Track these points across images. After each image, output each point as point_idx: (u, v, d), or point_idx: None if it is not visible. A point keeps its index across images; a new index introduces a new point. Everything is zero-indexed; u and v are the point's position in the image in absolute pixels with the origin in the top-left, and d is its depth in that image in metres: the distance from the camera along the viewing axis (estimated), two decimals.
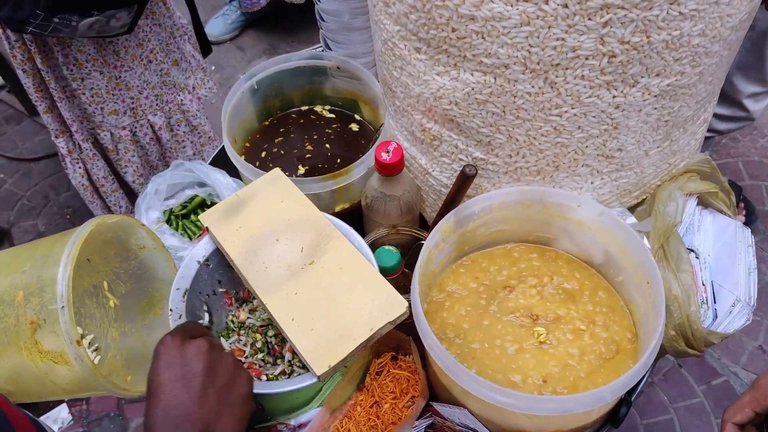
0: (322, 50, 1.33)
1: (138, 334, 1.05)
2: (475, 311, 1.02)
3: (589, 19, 0.77)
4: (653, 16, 0.77)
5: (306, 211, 1.02)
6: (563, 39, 0.79)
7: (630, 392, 1.05)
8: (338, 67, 1.27)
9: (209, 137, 2.11)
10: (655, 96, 0.88)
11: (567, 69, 0.82)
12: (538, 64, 0.82)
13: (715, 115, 2.06)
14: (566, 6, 0.76)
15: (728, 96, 2.01)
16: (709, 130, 2.14)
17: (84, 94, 1.77)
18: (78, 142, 1.88)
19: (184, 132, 2.03)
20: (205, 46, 1.96)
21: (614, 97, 0.86)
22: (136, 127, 1.94)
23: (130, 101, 1.87)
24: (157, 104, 1.92)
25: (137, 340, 1.05)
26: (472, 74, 0.88)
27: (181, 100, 1.96)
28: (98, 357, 0.90)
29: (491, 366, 0.96)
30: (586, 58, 0.81)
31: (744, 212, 2.37)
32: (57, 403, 2.21)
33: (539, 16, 0.77)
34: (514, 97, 0.87)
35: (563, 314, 1.01)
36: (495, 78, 0.86)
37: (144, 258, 1.04)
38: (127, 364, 1.01)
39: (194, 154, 2.11)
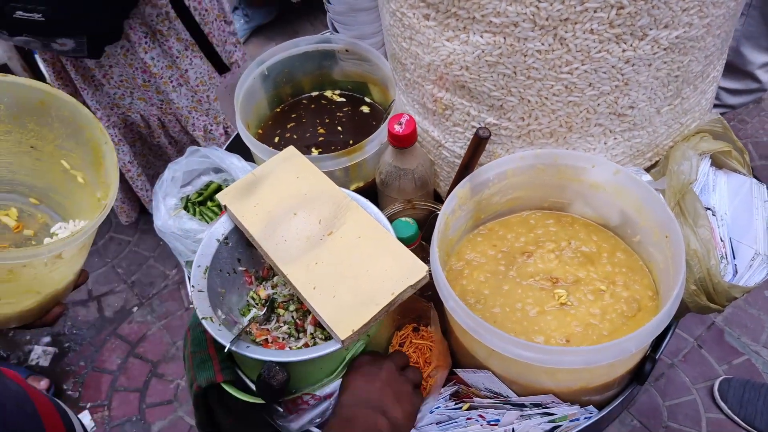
0: (330, 34, 1.35)
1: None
2: (494, 277, 1.02)
3: None
4: None
5: (322, 185, 1.03)
6: None
7: (654, 349, 1.05)
8: (347, 50, 1.28)
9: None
10: (665, 49, 0.88)
11: (576, 23, 0.83)
12: (547, 20, 0.83)
13: (727, 90, 2.05)
14: None
15: (738, 68, 2.00)
16: (720, 105, 2.14)
17: (109, 82, 1.81)
18: None
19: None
20: (221, 66, 1.98)
21: (624, 51, 0.87)
22: (164, 120, 1.99)
23: (159, 102, 1.91)
24: (184, 107, 1.97)
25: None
26: (481, 36, 0.89)
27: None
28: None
29: (513, 329, 0.96)
30: (595, 11, 0.82)
31: None
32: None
33: None
34: (525, 56, 0.88)
35: (583, 276, 1.01)
36: (505, 38, 0.87)
37: (54, 109, 0.88)
38: None
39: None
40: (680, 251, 0.89)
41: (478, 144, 0.95)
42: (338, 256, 0.95)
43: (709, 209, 1.05)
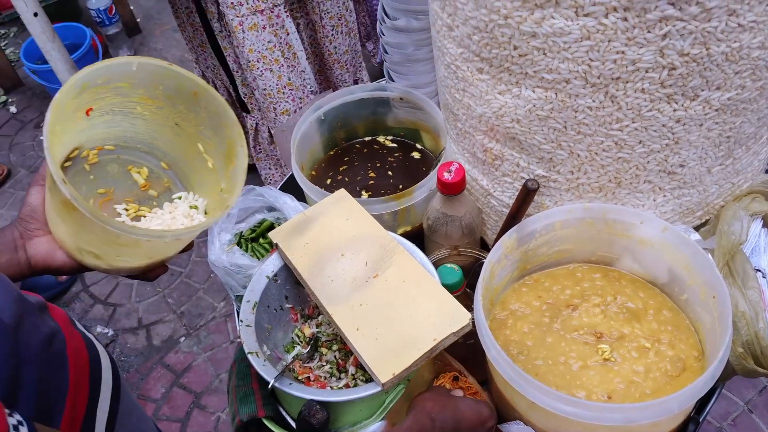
0: (386, 82, 1.39)
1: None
2: (538, 329, 1.02)
3: (648, 31, 0.79)
4: (712, 27, 0.79)
5: (370, 227, 1.05)
6: (623, 52, 0.82)
7: (698, 411, 1.03)
8: (401, 98, 1.32)
9: None
10: (716, 110, 0.89)
11: (627, 82, 0.85)
12: (598, 78, 0.85)
13: None
14: (625, 19, 0.79)
15: None
16: None
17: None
18: None
19: None
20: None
21: (675, 110, 0.88)
22: None
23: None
24: None
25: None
26: (533, 91, 0.91)
27: None
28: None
29: (555, 382, 0.96)
30: (646, 71, 0.83)
31: None
32: None
33: (599, 30, 0.80)
34: (575, 111, 0.90)
35: (627, 333, 1.00)
36: (556, 93, 0.89)
37: (205, 102, 0.96)
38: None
39: None
40: (727, 312, 0.88)
41: (526, 195, 0.97)
42: (383, 298, 0.97)
43: (760, 271, 1.03)
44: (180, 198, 1.01)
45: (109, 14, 3.52)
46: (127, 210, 0.98)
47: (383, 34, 1.29)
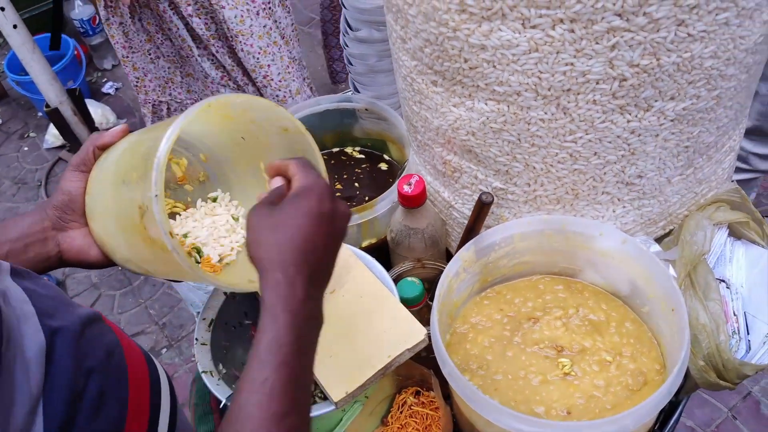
0: (351, 93, 1.38)
1: None
2: (498, 343, 1.01)
3: (597, 43, 0.78)
4: (661, 38, 0.78)
5: None
6: (572, 64, 0.80)
7: (662, 425, 1.01)
8: (366, 109, 1.31)
9: None
10: (672, 120, 0.88)
11: (578, 94, 0.83)
12: (549, 90, 0.84)
13: (757, 155, 2.03)
14: (573, 31, 0.77)
15: (766, 133, 1.98)
16: (750, 170, 2.10)
17: None
18: None
19: None
20: None
21: (629, 121, 0.86)
22: None
23: None
24: None
25: None
26: (486, 103, 0.90)
27: None
28: None
29: (514, 398, 0.95)
30: (597, 83, 0.82)
31: None
32: None
33: (547, 42, 0.79)
34: (528, 124, 0.89)
35: (589, 346, 0.99)
36: (508, 106, 0.88)
37: (294, 141, 0.89)
38: None
39: None
40: (684, 325, 0.87)
41: (481, 208, 0.96)
42: (339, 315, 0.95)
43: (724, 281, 1.02)
44: (215, 200, 0.94)
45: (93, 24, 3.51)
46: None
47: (347, 46, 1.28)
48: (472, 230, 0.99)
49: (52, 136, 3.27)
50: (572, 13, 0.76)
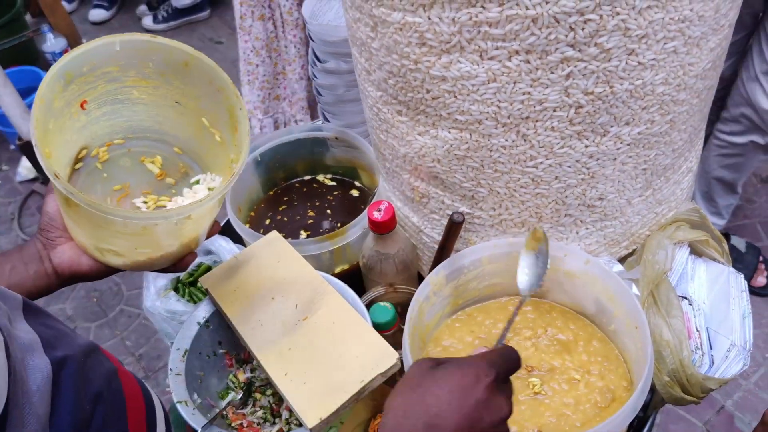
0: (321, 122, 1.40)
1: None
2: None
3: (552, 72, 0.81)
4: (613, 66, 0.81)
5: (301, 269, 1.06)
6: (529, 93, 0.84)
7: None
8: (336, 138, 1.33)
9: None
10: (628, 144, 0.91)
11: (537, 121, 0.87)
12: (508, 118, 0.87)
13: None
14: (528, 62, 0.81)
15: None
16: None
17: None
18: None
19: None
20: None
21: (587, 146, 0.90)
22: None
23: None
24: None
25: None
26: (449, 131, 0.92)
27: None
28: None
29: None
30: (554, 110, 0.85)
31: (765, 273, 2.34)
32: None
33: (504, 72, 0.82)
34: (490, 151, 0.91)
35: (558, 365, 1.01)
36: (470, 134, 0.91)
37: (197, 70, 0.91)
38: None
39: None
40: (647, 342, 0.89)
41: (452, 228, 0.98)
42: (312, 341, 0.96)
43: (686, 298, 1.05)
44: (198, 182, 0.97)
45: None
46: (146, 203, 0.94)
47: (315, 77, 1.31)
48: (444, 249, 1.01)
49: (25, 168, 3.25)
50: (527, 44, 0.79)
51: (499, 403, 0.64)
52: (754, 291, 2.32)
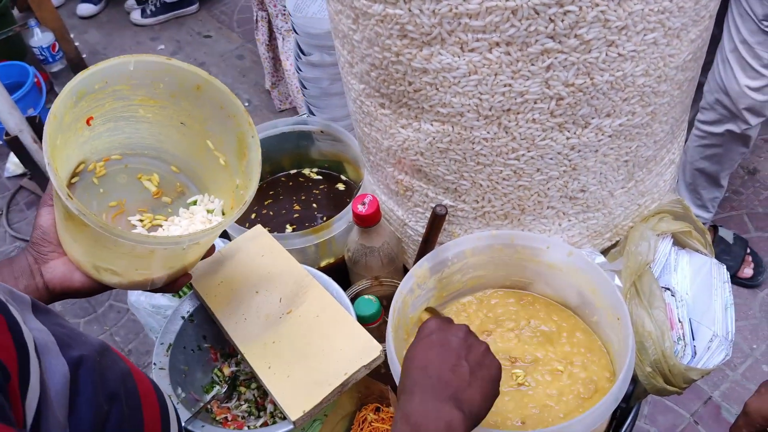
0: (307, 116, 1.40)
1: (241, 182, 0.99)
2: None
3: (532, 64, 0.81)
4: (593, 58, 0.81)
5: (285, 263, 1.06)
6: (510, 85, 0.84)
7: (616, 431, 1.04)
8: (321, 131, 1.33)
9: None
10: (609, 136, 0.91)
11: (518, 113, 0.87)
12: (490, 110, 0.87)
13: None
14: (509, 53, 0.81)
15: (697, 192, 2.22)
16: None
17: None
18: None
19: None
20: None
21: (568, 138, 0.90)
22: None
23: None
24: None
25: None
26: (431, 124, 0.92)
27: None
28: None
29: None
30: (535, 102, 0.85)
31: (752, 265, 2.35)
32: None
33: (485, 64, 0.82)
34: (472, 143, 0.92)
35: (541, 356, 1.01)
36: (452, 126, 0.91)
37: (209, 95, 0.91)
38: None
39: None
40: (628, 333, 0.90)
41: (435, 220, 0.98)
42: (296, 334, 0.97)
43: (669, 289, 1.06)
44: (195, 203, 0.97)
45: (53, 51, 3.50)
46: (141, 221, 0.93)
47: (300, 70, 1.30)
48: (427, 242, 1.02)
49: (13, 164, 3.23)
50: (507, 36, 0.79)
51: (450, 328, 0.81)
52: (741, 282, 2.33)
